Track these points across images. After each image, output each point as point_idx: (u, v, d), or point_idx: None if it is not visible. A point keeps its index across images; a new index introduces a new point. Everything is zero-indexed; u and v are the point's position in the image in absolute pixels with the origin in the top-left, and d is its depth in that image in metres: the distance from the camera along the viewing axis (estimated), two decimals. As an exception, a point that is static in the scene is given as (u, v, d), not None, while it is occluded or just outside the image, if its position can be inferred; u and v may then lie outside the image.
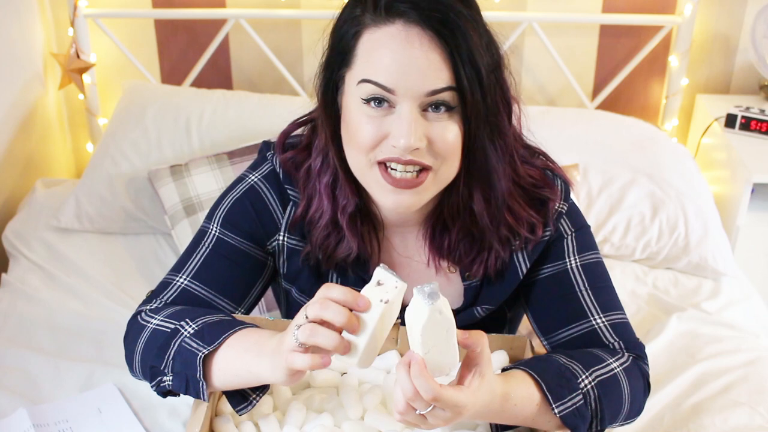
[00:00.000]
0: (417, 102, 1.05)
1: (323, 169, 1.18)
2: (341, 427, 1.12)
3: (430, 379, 0.93)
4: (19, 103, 2.22)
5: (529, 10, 2.34)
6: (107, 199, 2.05)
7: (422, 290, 0.93)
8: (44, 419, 1.42)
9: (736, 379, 1.62)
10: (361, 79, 1.06)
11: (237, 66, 2.44)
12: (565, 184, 1.24)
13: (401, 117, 1.05)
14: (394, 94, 1.04)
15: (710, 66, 2.44)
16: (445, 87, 1.04)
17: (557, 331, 1.22)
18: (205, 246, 1.23)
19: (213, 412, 1.15)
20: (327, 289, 0.97)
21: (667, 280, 2.01)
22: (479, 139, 1.09)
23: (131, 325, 1.19)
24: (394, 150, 1.06)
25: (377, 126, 1.06)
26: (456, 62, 1.04)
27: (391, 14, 1.05)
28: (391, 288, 0.96)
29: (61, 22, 2.37)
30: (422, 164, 1.07)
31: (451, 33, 1.03)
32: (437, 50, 1.04)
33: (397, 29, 1.04)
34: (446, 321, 0.94)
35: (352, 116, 1.09)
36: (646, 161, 2.11)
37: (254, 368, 1.04)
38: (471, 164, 1.11)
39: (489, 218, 1.16)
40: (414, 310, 0.94)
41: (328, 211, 1.18)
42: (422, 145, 1.05)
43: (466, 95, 1.05)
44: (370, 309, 0.96)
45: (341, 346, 0.95)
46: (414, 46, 1.03)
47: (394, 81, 1.04)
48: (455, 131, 1.07)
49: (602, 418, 1.11)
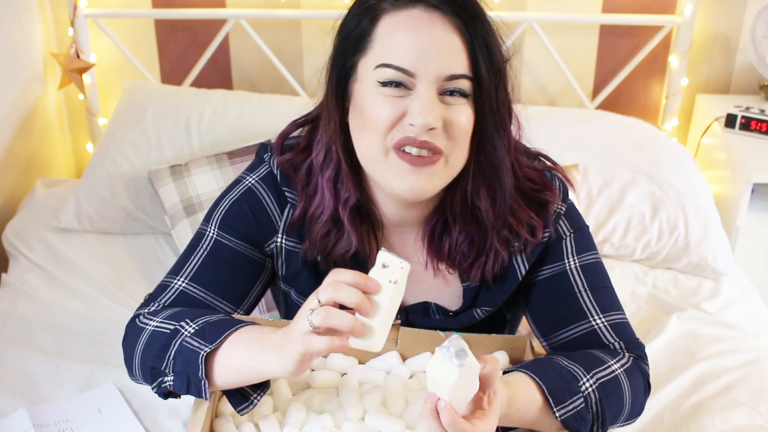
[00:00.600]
0: (435, 85, 1.07)
1: (326, 163, 1.18)
2: (341, 428, 1.12)
3: (463, 423, 0.93)
4: (19, 103, 2.22)
5: (529, 10, 2.34)
6: (107, 199, 2.05)
7: (447, 351, 0.93)
8: (44, 419, 1.42)
9: (736, 379, 1.62)
10: (380, 63, 1.07)
11: (237, 66, 2.44)
12: (563, 185, 1.24)
13: (419, 96, 1.06)
14: (413, 77, 1.06)
15: (710, 66, 2.44)
16: (463, 74, 1.07)
17: (557, 332, 1.22)
18: (203, 248, 1.23)
19: (213, 412, 1.15)
20: (337, 273, 0.98)
21: (667, 280, 2.01)
22: (489, 130, 1.11)
23: (130, 329, 1.19)
24: (412, 129, 1.07)
25: (395, 105, 1.07)
26: (474, 50, 1.07)
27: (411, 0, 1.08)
28: (397, 269, 0.98)
29: (61, 22, 2.37)
30: (435, 147, 1.08)
31: (471, 20, 1.07)
32: (458, 35, 1.07)
33: (418, 13, 1.07)
34: (473, 369, 0.94)
35: (367, 100, 1.09)
36: (646, 161, 2.11)
37: (257, 364, 1.04)
38: (479, 157, 1.13)
39: (494, 216, 1.16)
40: (439, 368, 0.93)
41: (329, 206, 1.18)
42: (438, 125, 1.07)
43: (483, 83, 1.08)
44: (381, 290, 0.97)
45: (357, 327, 0.96)
46: (436, 28, 1.06)
47: (414, 63, 1.06)
48: (469, 116, 1.09)
49: (603, 420, 1.11)
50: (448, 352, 0.93)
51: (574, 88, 2.39)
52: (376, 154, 1.11)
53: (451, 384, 0.92)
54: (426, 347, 1.23)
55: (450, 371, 0.92)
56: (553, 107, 2.37)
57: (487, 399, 0.98)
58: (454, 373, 0.92)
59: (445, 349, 0.93)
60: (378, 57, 1.08)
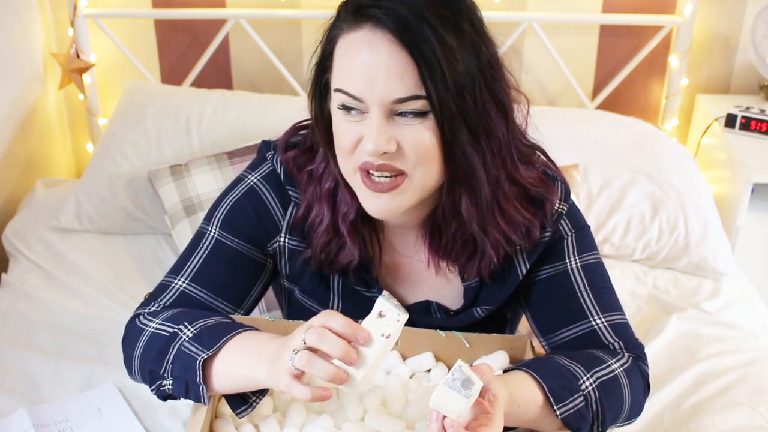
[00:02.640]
0: (384, 108, 1.03)
1: (325, 175, 1.18)
2: (341, 429, 1.12)
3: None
4: (19, 103, 2.22)
5: (529, 10, 2.34)
6: (107, 199, 2.05)
7: (454, 383, 0.92)
8: (44, 419, 1.41)
9: (736, 379, 1.62)
10: (335, 87, 1.06)
11: (237, 66, 2.44)
12: (564, 185, 1.24)
13: (370, 122, 1.04)
14: (363, 102, 1.04)
15: (710, 66, 2.44)
16: (410, 96, 1.02)
17: (557, 331, 1.22)
18: (204, 248, 1.23)
19: (213, 413, 1.14)
20: (327, 317, 0.97)
21: (667, 280, 2.01)
22: (459, 143, 1.06)
23: (129, 329, 1.19)
24: (367, 155, 1.06)
25: (354, 130, 1.06)
26: (421, 68, 1.01)
27: (359, 19, 1.04)
28: (392, 321, 0.95)
29: (61, 22, 2.37)
30: (395, 169, 1.06)
31: (412, 37, 1.01)
32: (401, 55, 1.01)
33: (365, 34, 1.03)
34: (478, 391, 0.94)
35: (335, 121, 1.09)
36: (646, 161, 2.11)
37: (252, 373, 1.03)
38: (453, 169, 1.09)
39: (477, 224, 1.13)
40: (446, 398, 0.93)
41: (327, 217, 1.18)
42: (391, 149, 1.04)
43: (433, 102, 1.03)
44: (371, 343, 0.95)
45: (338, 378, 0.95)
46: (377, 52, 1.02)
47: (361, 89, 1.03)
48: (428, 136, 1.05)
49: (603, 419, 1.11)
50: (455, 384, 0.92)
51: (574, 88, 2.39)
52: (348, 173, 1.11)
53: (460, 410, 0.93)
54: (426, 347, 1.23)
55: (458, 401, 0.93)
56: (553, 107, 2.37)
57: (488, 402, 0.98)
58: (463, 402, 0.92)
59: (451, 381, 0.93)
60: (335, 81, 1.07)
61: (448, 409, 0.94)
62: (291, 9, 2.33)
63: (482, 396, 0.98)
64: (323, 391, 0.96)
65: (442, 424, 0.94)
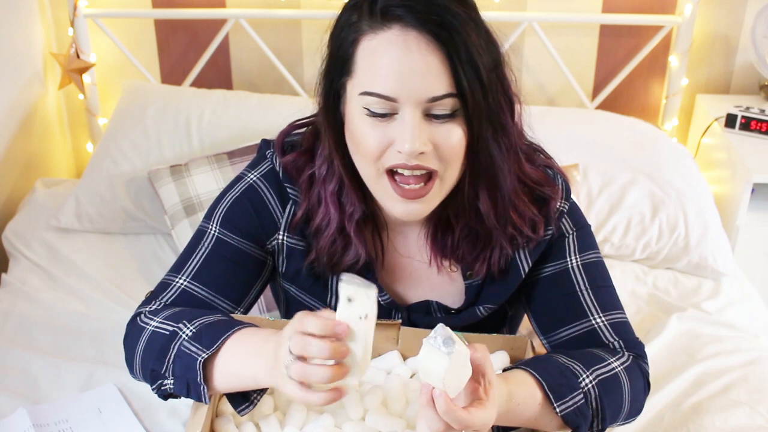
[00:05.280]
0: (420, 107, 1.04)
1: (328, 177, 1.17)
2: (342, 428, 1.12)
3: (458, 410, 0.93)
4: (19, 103, 2.22)
5: (529, 10, 2.34)
6: (107, 199, 2.05)
7: (435, 341, 0.92)
8: (44, 419, 1.42)
9: (736, 379, 1.62)
10: (363, 91, 1.05)
11: (237, 66, 2.44)
12: (565, 183, 1.24)
13: (405, 122, 1.04)
14: (396, 101, 1.04)
15: (710, 66, 2.44)
16: (446, 93, 1.03)
17: (557, 330, 1.22)
18: (205, 246, 1.23)
19: (214, 412, 1.15)
20: (301, 323, 0.95)
21: (667, 280, 2.01)
22: (483, 140, 1.08)
23: (131, 327, 1.19)
24: (400, 156, 1.05)
25: (382, 134, 1.06)
26: (456, 65, 1.03)
27: (388, 19, 1.04)
28: (364, 300, 0.94)
29: (61, 22, 2.37)
30: (429, 168, 1.07)
31: (448, 35, 1.02)
32: (436, 54, 1.02)
33: (395, 34, 1.03)
34: (462, 354, 0.93)
35: (356, 126, 1.08)
36: (646, 161, 2.11)
37: (252, 371, 1.04)
38: (476, 165, 1.11)
39: (496, 218, 1.15)
40: (429, 359, 0.93)
41: (335, 219, 1.18)
42: (427, 150, 1.05)
43: (467, 99, 1.04)
44: (352, 332, 0.94)
45: (338, 375, 0.94)
46: (412, 50, 1.02)
47: (395, 89, 1.03)
48: (459, 134, 1.07)
49: (603, 417, 1.11)
50: (435, 341, 0.92)
51: (574, 88, 2.40)
52: (370, 177, 1.11)
53: (443, 372, 0.92)
54: (426, 347, 1.23)
55: (440, 360, 0.92)
56: (553, 107, 2.37)
57: (483, 389, 0.97)
58: (444, 361, 0.91)
59: (432, 339, 0.93)
60: (361, 84, 1.06)
61: (432, 371, 0.93)
62: (291, 9, 2.33)
63: (477, 381, 0.97)
64: (334, 393, 0.95)
65: (431, 396, 0.94)
